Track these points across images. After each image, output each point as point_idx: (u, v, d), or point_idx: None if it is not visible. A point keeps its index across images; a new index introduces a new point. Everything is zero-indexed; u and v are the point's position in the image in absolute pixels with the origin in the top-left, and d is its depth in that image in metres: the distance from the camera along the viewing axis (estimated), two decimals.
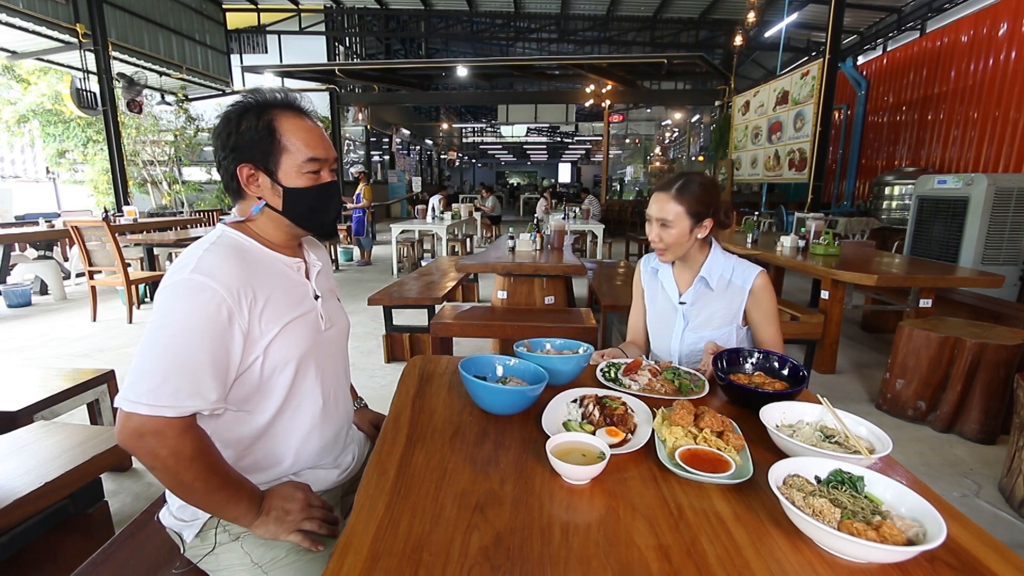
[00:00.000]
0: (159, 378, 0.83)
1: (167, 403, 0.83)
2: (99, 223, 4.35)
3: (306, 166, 0.98)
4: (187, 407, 0.84)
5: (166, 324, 0.85)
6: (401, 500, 0.80)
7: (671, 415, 1.00)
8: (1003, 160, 5.96)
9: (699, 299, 1.52)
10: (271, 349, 0.95)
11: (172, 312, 0.86)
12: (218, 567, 0.98)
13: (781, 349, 1.46)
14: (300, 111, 1.01)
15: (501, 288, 3.68)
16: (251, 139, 0.95)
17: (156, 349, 0.85)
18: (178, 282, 0.87)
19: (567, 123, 20.92)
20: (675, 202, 1.42)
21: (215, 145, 0.99)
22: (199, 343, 0.85)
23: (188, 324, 0.85)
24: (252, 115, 0.96)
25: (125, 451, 0.88)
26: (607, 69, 11.34)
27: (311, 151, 0.98)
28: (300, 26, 13.40)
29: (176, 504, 1.02)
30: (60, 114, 9.73)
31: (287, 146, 0.96)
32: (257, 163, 0.97)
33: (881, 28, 11.13)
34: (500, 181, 37.78)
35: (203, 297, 0.86)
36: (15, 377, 2.10)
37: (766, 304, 1.47)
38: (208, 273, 0.87)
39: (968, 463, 2.37)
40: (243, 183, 0.98)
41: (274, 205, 0.99)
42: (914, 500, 0.73)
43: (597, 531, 0.73)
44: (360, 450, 1.24)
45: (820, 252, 3.66)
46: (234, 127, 0.96)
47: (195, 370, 0.85)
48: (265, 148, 0.96)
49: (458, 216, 8.09)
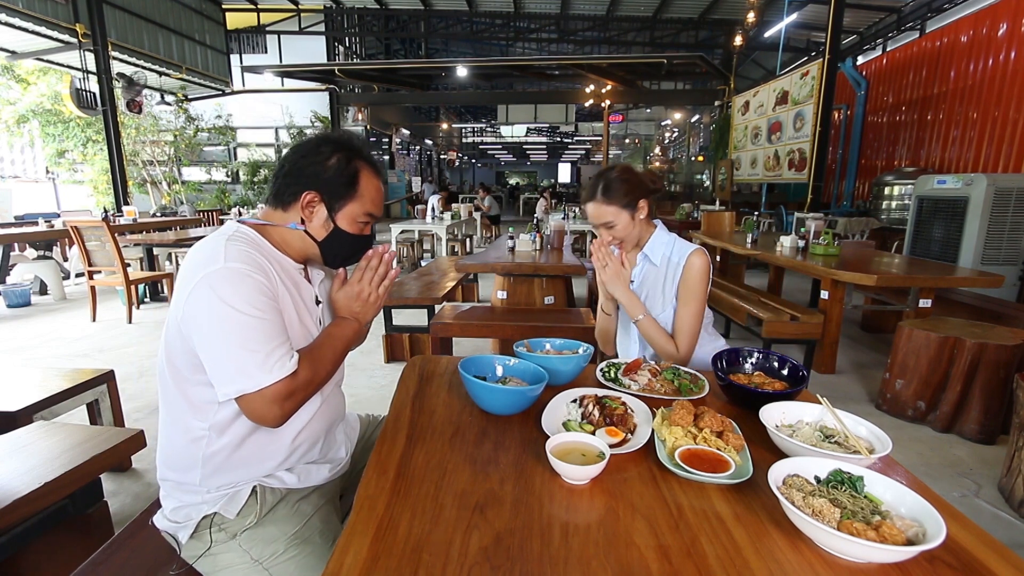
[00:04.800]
0: (260, 355, 0.89)
1: (278, 368, 0.90)
2: (99, 223, 4.35)
3: (363, 218, 1.08)
4: (290, 366, 0.92)
5: (233, 310, 0.89)
6: (401, 500, 0.80)
7: (671, 415, 1.00)
8: (1003, 160, 5.96)
9: (645, 279, 1.59)
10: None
11: (228, 299, 0.89)
12: (217, 567, 0.98)
13: (688, 335, 1.47)
14: (379, 170, 1.10)
15: (501, 288, 3.68)
16: (333, 177, 1.03)
17: (238, 333, 0.89)
18: (216, 272, 0.90)
19: (567, 123, 20.90)
20: (605, 204, 1.48)
21: (291, 158, 1.05)
22: (269, 313, 0.92)
23: (252, 303, 0.90)
24: (343, 157, 1.03)
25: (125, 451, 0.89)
26: (607, 69, 11.33)
27: (373, 207, 1.08)
28: (300, 26, 13.39)
29: (170, 506, 1.02)
30: (60, 114, 9.72)
31: (359, 196, 1.05)
32: (327, 198, 1.03)
33: (881, 28, 11.13)
34: (500, 181, 37.81)
35: (249, 281, 0.91)
36: (15, 377, 2.09)
37: (690, 282, 1.48)
38: (240, 260, 0.92)
39: (968, 463, 2.37)
40: (300, 204, 1.03)
41: (315, 235, 1.05)
42: (914, 500, 0.73)
43: (597, 531, 0.73)
44: (352, 442, 1.25)
45: (820, 252, 3.66)
46: (323, 159, 1.02)
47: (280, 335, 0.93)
48: (341, 191, 1.04)
49: (458, 216, 8.09)
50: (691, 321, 1.48)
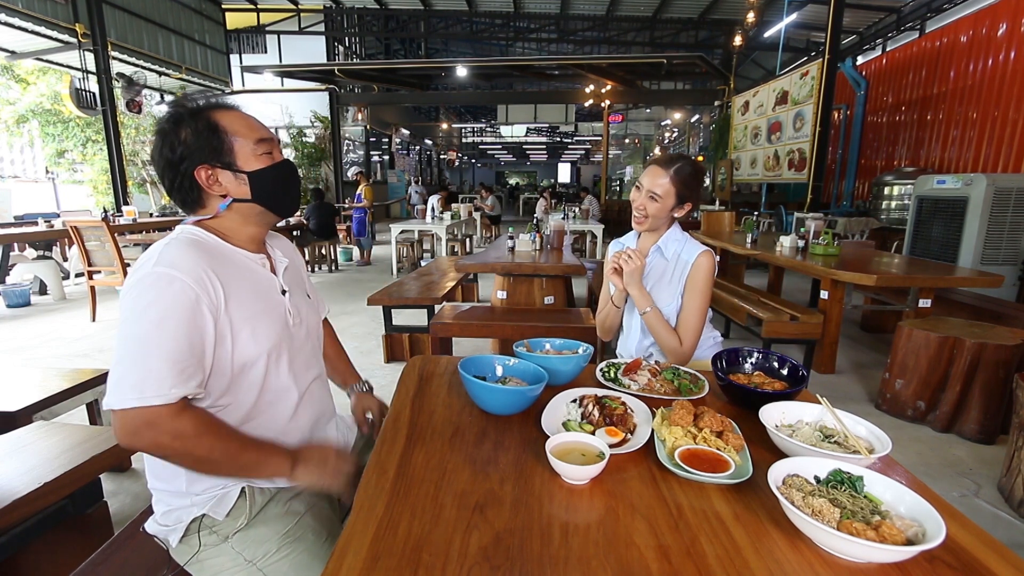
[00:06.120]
0: (141, 372, 0.84)
1: (153, 393, 0.84)
2: (98, 223, 4.35)
3: (259, 148, 1.00)
4: (173, 394, 0.86)
5: (138, 318, 0.86)
6: (401, 500, 0.79)
7: (670, 415, 1.00)
8: (1002, 160, 5.96)
9: (653, 269, 1.64)
10: (239, 342, 0.96)
11: (142, 306, 0.86)
12: (211, 570, 0.97)
13: (692, 331, 1.55)
14: (229, 105, 1.03)
15: (501, 288, 3.68)
16: (198, 142, 0.96)
17: (132, 344, 0.85)
18: (143, 277, 0.88)
19: (567, 123, 20.89)
20: (668, 180, 1.52)
21: (159, 165, 0.99)
22: (174, 330, 0.86)
23: (160, 314, 0.86)
24: (188, 121, 0.97)
25: (125, 451, 0.89)
26: (607, 69, 11.33)
27: (257, 133, 1.01)
28: (300, 26, 13.39)
29: (160, 510, 1.01)
30: (59, 114, 9.72)
31: (234, 136, 0.98)
32: (212, 161, 0.98)
33: (880, 28, 11.14)
34: (500, 181, 37.79)
35: (172, 288, 0.87)
36: (14, 377, 2.09)
37: (697, 280, 1.56)
38: (171, 264, 0.88)
39: (967, 463, 2.37)
40: (205, 185, 0.99)
41: (242, 195, 1.00)
42: (913, 500, 0.73)
43: (597, 531, 0.73)
44: (348, 443, 1.24)
45: (819, 252, 3.66)
46: (175, 138, 0.96)
47: (175, 358, 0.86)
48: (215, 145, 0.97)
49: (458, 216, 8.08)
50: (695, 317, 1.56)
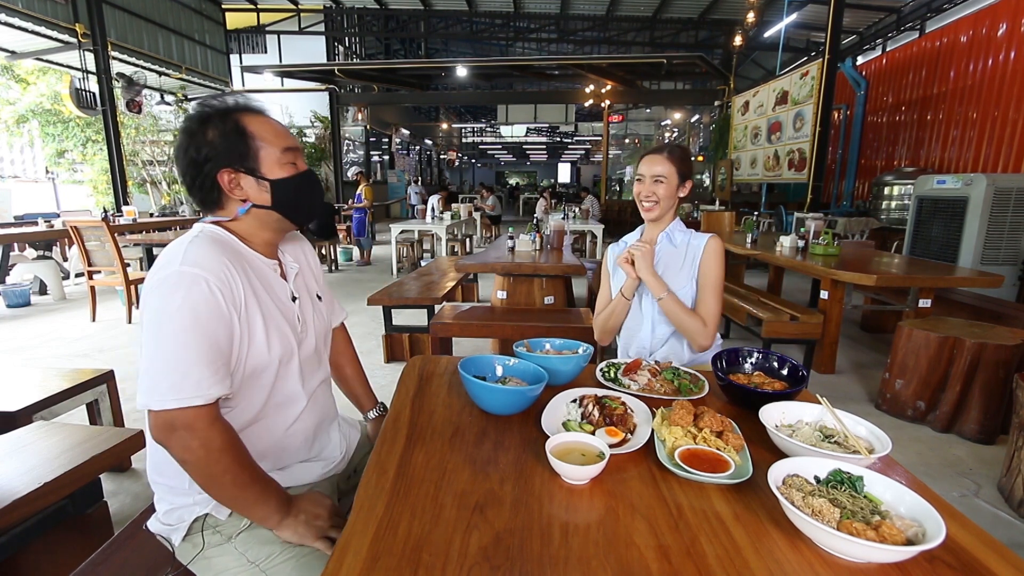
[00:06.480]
0: (180, 372, 0.85)
1: (191, 393, 0.85)
2: (98, 223, 4.35)
3: (284, 157, 1.00)
4: (212, 394, 0.87)
5: (169, 319, 0.86)
6: (401, 500, 0.80)
7: (670, 415, 1.00)
8: (1002, 160, 5.97)
9: (663, 256, 1.69)
10: (253, 346, 0.96)
11: (173, 306, 0.86)
12: (214, 570, 0.97)
13: (713, 315, 1.58)
14: (259, 110, 1.02)
15: (501, 288, 3.68)
16: (224, 144, 0.96)
17: (167, 344, 0.85)
18: (168, 276, 0.87)
19: (567, 123, 20.89)
20: (668, 162, 1.62)
21: (182, 162, 0.98)
22: (205, 330, 0.87)
23: (192, 315, 0.86)
24: (216, 122, 0.96)
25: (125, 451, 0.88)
26: (607, 69, 11.33)
27: (284, 141, 1.00)
28: (300, 26, 13.39)
29: (163, 509, 1.01)
30: (59, 114, 9.71)
31: (261, 142, 0.98)
32: (236, 165, 0.97)
33: (880, 28, 11.13)
34: (500, 181, 37.79)
35: (199, 287, 0.87)
36: (14, 377, 2.09)
37: (711, 263, 1.63)
38: (196, 264, 0.88)
39: (967, 463, 2.37)
40: (226, 188, 0.98)
41: (262, 202, 1.00)
42: (913, 500, 0.73)
43: (597, 531, 0.73)
44: (350, 445, 1.23)
45: (819, 252, 3.66)
46: (202, 138, 0.95)
47: (209, 358, 0.87)
48: (241, 149, 0.96)
49: (458, 216, 8.08)
50: (714, 298, 1.61)
